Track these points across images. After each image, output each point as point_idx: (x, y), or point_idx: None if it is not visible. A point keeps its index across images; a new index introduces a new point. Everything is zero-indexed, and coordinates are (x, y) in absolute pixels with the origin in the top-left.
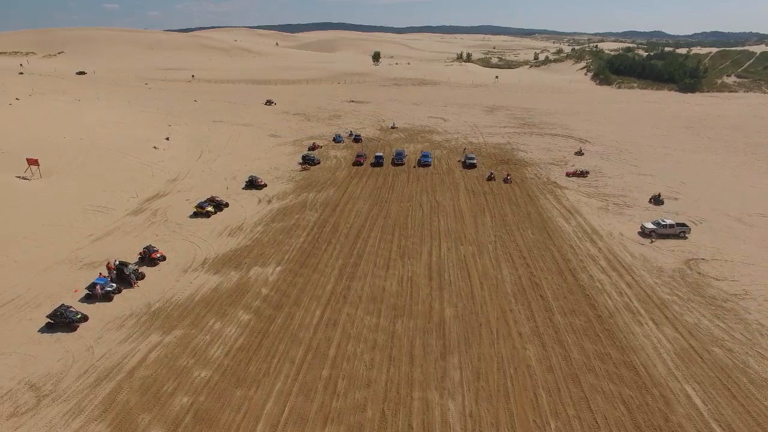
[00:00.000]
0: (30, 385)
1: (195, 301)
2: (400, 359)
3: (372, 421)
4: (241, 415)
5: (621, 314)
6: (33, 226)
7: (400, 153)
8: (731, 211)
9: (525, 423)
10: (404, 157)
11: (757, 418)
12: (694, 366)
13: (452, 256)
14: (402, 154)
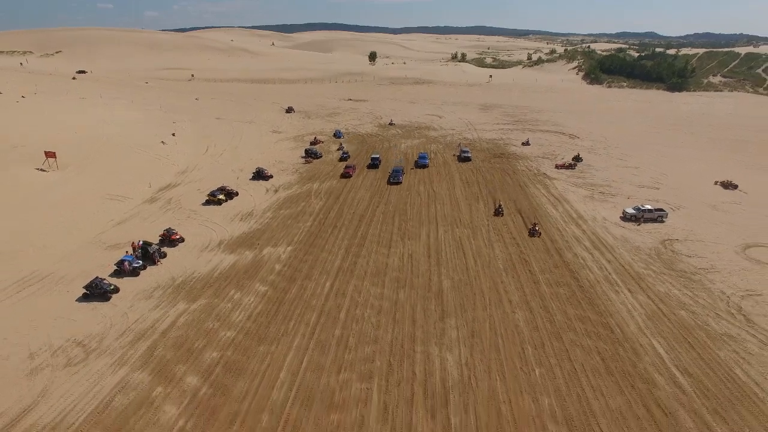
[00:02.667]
0: (77, 342)
1: (215, 275)
2: (403, 321)
3: (380, 369)
4: (265, 365)
5: (600, 285)
6: (56, 214)
7: (398, 171)
8: (706, 199)
9: (513, 370)
10: (401, 174)
11: (710, 363)
12: (662, 325)
13: (448, 237)
14: (399, 171)
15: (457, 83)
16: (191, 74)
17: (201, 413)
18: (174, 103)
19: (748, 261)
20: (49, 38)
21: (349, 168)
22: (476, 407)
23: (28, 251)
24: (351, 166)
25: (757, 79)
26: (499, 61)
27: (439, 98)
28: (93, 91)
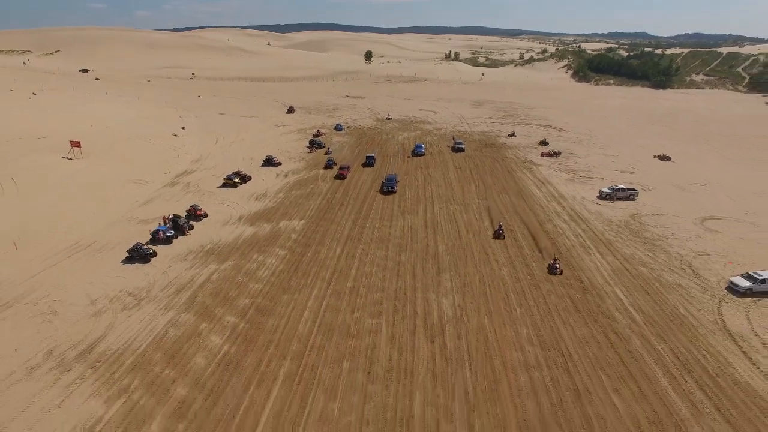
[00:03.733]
0: (129, 293)
1: (239, 243)
2: (405, 276)
3: (387, 309)
4: (291, 308)
5: (575, 249)
6: (87, 195)
7: (391, 179)
8: (675, 182)
9: (498, 310)
10: (395, 183)
11: (660, 303)
12: (624, 278)
13: (443, 212)
14: (393, 180)
15: (450, 81)
16: (192, 72)
17: (241, 342)
18: (178, 100)
19: (704, 230)
20: (47, 38)
21: (344, 169)
22: (467, 335)
23: (68, 225)
24: (345, 167)
25: (737, 77)
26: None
27: (434, 95)
28: (97, 89)
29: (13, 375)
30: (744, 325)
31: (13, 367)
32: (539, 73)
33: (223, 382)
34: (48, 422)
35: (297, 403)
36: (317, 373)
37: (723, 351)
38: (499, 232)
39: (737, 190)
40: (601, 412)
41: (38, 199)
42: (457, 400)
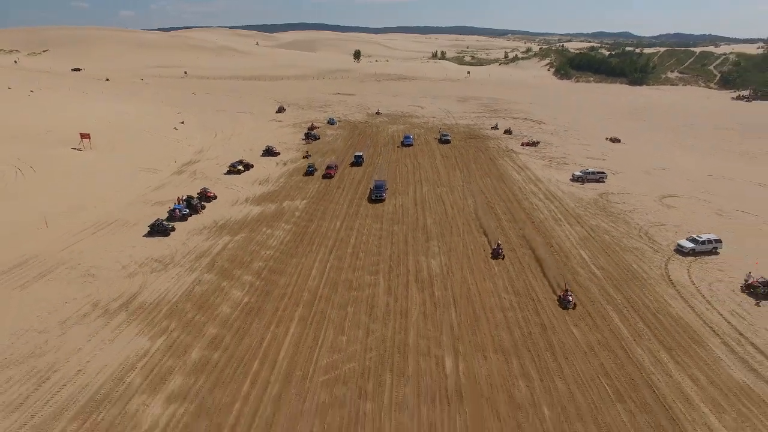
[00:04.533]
0: (155, 259)
1: (248, 219)
2: (398, 243)
3: (383, 269)
4: (299, 269)
5: (548, 221)
6: (101, 182)
7: (380, 186)
8: (642, 167)
9: (479, 267)
10: (385, 191)
11: (617, 262)
12: (589, 243)
13: (431, 193)
14: (382, 187)
15: (437, 79)
16: (184, 71)
17: (259, 294)
18: (173, 98)
19: (662, 206)
20: (34, 37)
21: (331, 168)
22: (452, 287)
23: (90, 206)
24: (333, 166)
25: (708, 75)
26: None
27: (421, 92)
28: (92, 87)
29: (68, 321)
30: (684, 277)
31: (66, 315)
32: (523, 71)
33: (247, 324)
34: (103, 355)
35: (311, 337)
36: (326, 315)
37: (665, 296)
38: (498, 251)
39: (696, 173)
40: (562, 339)
41: (58, 184)
42: (444, 333)
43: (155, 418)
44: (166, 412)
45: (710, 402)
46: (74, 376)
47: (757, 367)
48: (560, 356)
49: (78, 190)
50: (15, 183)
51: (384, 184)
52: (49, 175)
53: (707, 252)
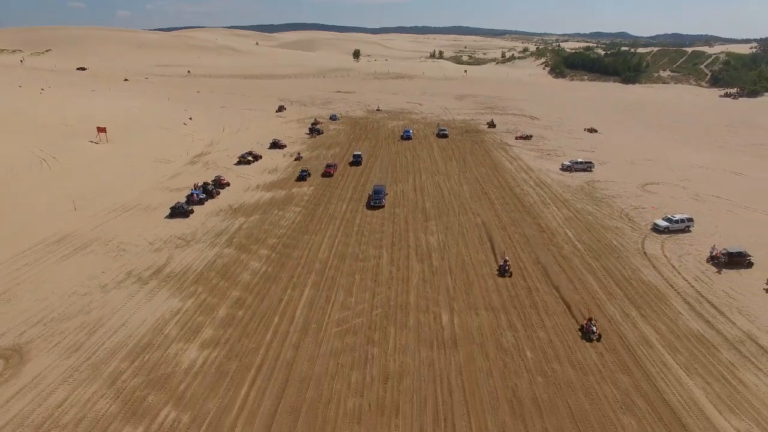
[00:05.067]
0: (178, 237)
1: (260, 203)
2: (400, 222)
3: (387, 244)
4: (310, 244)
5: (537, 205)
6: (120, 171)
7: (379, 191)
8: (627, 158)
9: (473, 243)
10: (384, 196)
11: (598, 238)
12: (573, 223)
13: (429, 181)
14: (381, 192)
15: (435, 78)
16: (187, 70)
17: (275, 264)
18: (178, 96)
19: (643, 192)
20: (35, 37)
21: (330, 167)
22: (449, 258)
23: (112, 192)
24: (332, 165)
25: (699, 73)
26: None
27: (419, 90)
28: (100, 86)
29: (107, 286)
30: (658, 250)
31: (105, 281)
32: (519, 70)
33: (266, 288)
34: (142, 312)
35: (323, 298)
36: (336, 281)
37: (639, 266)
38: (504, 267)
39: (678, 164)
40: (544, 299)
41: (80, 173)
42: (441, 294)
43: (192, 359)
44: (201, 355)
45: (668, 345)
46: (119, 328)
47: (710, 319)
48: (543, 312)
49: (99, 178)
50: (41, 172)
51: (383, 189)
52: (72, 165)
53: (680, 230)
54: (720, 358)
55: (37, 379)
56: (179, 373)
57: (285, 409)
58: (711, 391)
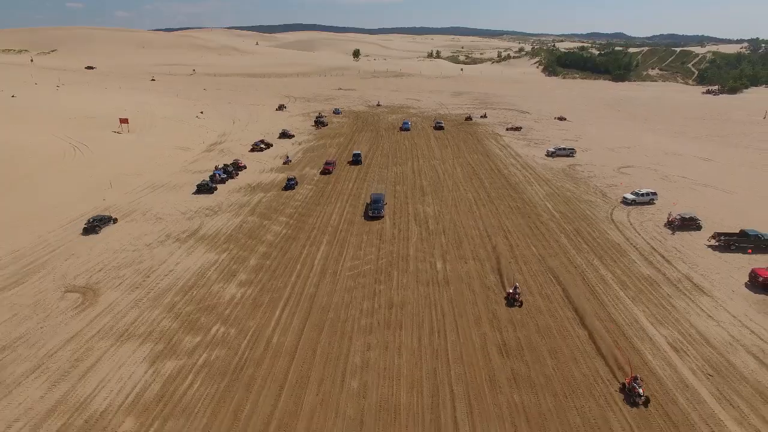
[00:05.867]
0: (206, 208)
1: (276, 182)
2: (400, 197)
3: (389, 213)
4: (323, 213)
5: (522, 183)
6: (145, 156)
7: (378, 200)
8: (608, 146)
9: (464, 212)
10: (383, 206)
11: (573, 209)
12: (554, 197)
13: (426, 165)
14: (381, 201)
15: (432, 76)
16: (193, 69)
17: (293, 228)
18: (186, 92)
19: (619, 173)
20: (40, 37)
21: (329, 164)
22: (443, 223)
23: (140, 174)
24: (331, 162)
25: (686, 72)
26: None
27: (417, 87)
28: (110, 84)
29: (152, 244)
30: (624, 218)
31: (149, 240)
32: (514, 68)
33: (287, 245)
34: (185, 263)
35: (337, 252)
36: (347, 240)
37: (606, 229)
38: (514, 296)
39: (653, 151)
40: (523, 252)
41: (110, 158)
42: (435, 249)
43: (232, 294)
44: (239, 291)
45: (620, 284)
46: (168, 273)
47: (658, 266)
48: (522, 261)
49: (127, 162)
50: (75, 157)
51: (382, 197)
52: (101, 152)
53: (646, 202)
54: (660, 291)
55: (111, 306)
56: (223, 303)
57: (310, 326)
58: (649, 313)
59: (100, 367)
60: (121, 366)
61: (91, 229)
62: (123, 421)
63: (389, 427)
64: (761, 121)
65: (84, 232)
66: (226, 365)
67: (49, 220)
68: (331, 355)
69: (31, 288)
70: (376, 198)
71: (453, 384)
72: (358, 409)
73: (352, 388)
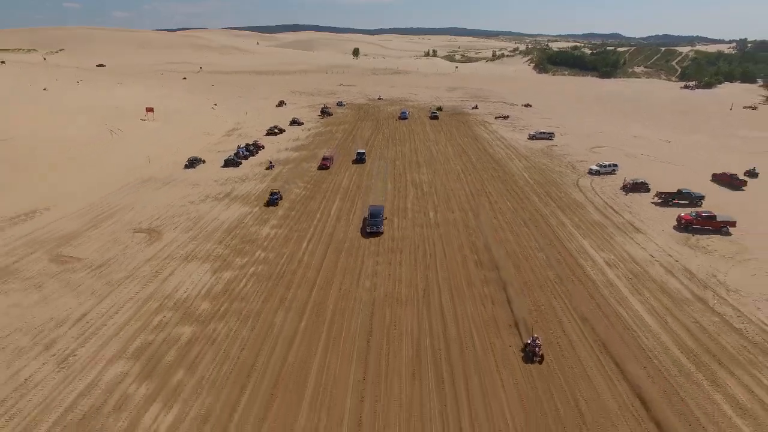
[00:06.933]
0: (235, 177)
1: (291, 159)
2: (399, 168)
3: (390, 179)
4: (335, 179)
5: (504, 160)
6: (173, 139)
7: (377, 214)
8: (585, 132)
9: (453, 178)
10: (383, 220)
11: (546, 176)
12: (531, 169)
13: (421, 145)
14: (379, 215)
15: (429, 73)
16: (200, 67)
17: (310, 191)
18: (197, 88)
19: (589, 152)
20: (42, 37)
21: (326, 159)
22: (435, 186)
23: (172, 153)
24: (328, 158)
25: (670, 69)
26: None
27: (414, 83)
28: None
29: (194, 202)
30: (587, 184)
31: (191, 200)
32: (506, 66)
33: (307, 200)
34: (225, 214)
35: (348, 205)
36: (356, 198)
37: (571, 192)
38: (534, 349)
39: (624, 136)
40: (500, 206)
41: (143, 141)
42: (428, 204)
43: (267, 233)
44: (272, 231)
45: (575, 226)
46: (213, 220)
47: (608, 215)
48: (498, 212)
49: (159, 143)
50: (113, 140)
51: (381, 210)
52: (135, 135)
53: (608, 173)
54: (606, 231)
55: (173, 241)
56: (261, 239)
57: (332, 251)
58: (594, 244)
59: (175, 276)
60: (191, 275)
61: (191, 165)
62: (200, 304)
63: (394, 307)
64: (727, 112)
65: (186, 167)
66: (269, 274)
67: (105, 187)
68: (348, 268)
69: (107, 229)
70: (375, 211)
71: (440, 284)
72: (371, 298)
73: (366, 285)
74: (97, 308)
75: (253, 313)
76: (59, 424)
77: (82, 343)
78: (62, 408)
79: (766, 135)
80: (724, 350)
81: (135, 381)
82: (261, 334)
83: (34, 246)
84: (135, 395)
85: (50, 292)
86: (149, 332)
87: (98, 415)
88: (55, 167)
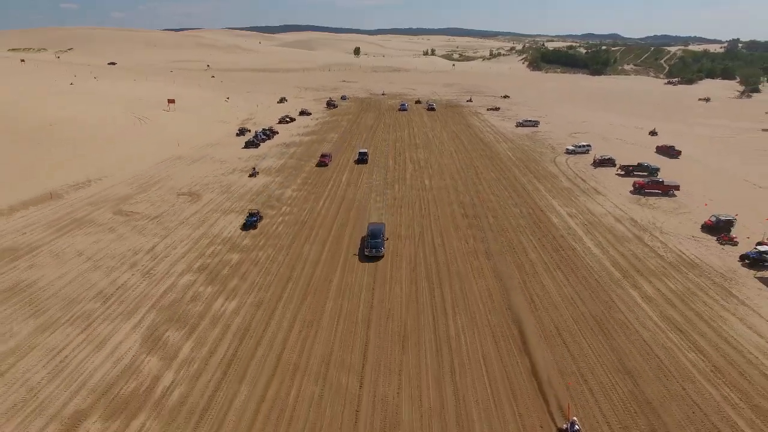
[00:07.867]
0: (255, 156)
1: (303, 141)
2: (399, 149)
3: (393, 157)
4: (345, 155)
5: (492, 143)
6: (196, 126)
7: (377, 234)
8: (568, 120)
9: (446, 157)
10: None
11: (529, 155)
12: (515, 150)
13: (419, 132)
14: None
15: (427, 70)
16: (207, 65)
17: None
18: (207, 84)
19: (569, 137)
20: (56, 36)
21: (325, 157)
22: (430, 163)
23: (197, 137)
24: (327, 155)
25: (659, 67)
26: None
27: (413, 80)
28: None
29: (223, 174)
30: (563, 162)
31: (220, 173)
32: (502, 64)
33: (321, 173)
34: (250, 183)
35: (355, 177)
36: (362, 172)
37: (548, 166)
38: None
39: (603, 125)
40: (486, 176)
41: (168, 127)
42: (424, 175)
43: (289, 194)
44: (294, 194)
45: (547, 190)
46: (242, 186)
47: (577, 183)
48: (483, 181)
49: (184, 129)
50: (142, 126)
51: (382, 229)
52: (161, 123)
53: (583, 152)
54: (572, 194)
55: (211, 200)
56: (285, 198)
57: (344, 208)
58: (561, 202)
59: (218, 223)
60: (231, 222)
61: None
62: (243, 241)
63: (396, 242)
64: (703, 104)
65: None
66: (295, 220)
67: (143, 162)
68: (358, 218)
69: (154, 193)
70: (375, 231)
71: (432, 228)
72: None
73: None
74: (161, 243)
75: (285, 246)
76: (156, 306)
77: (156, 264)
78: (154, 298)
79: (722, 123)
80: (646, 267)
81: (202, 285)
82: (293, 258)
83: (98, 204)
84: (204, 293)
85: (122, 233)
86: (206, 257)
87: (180, 303)
88: (98, 147)
